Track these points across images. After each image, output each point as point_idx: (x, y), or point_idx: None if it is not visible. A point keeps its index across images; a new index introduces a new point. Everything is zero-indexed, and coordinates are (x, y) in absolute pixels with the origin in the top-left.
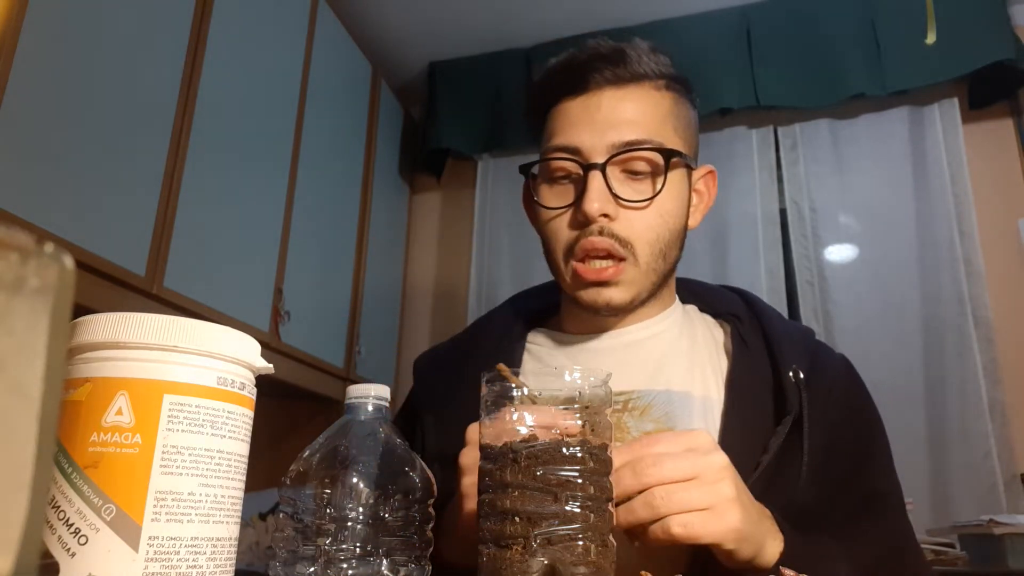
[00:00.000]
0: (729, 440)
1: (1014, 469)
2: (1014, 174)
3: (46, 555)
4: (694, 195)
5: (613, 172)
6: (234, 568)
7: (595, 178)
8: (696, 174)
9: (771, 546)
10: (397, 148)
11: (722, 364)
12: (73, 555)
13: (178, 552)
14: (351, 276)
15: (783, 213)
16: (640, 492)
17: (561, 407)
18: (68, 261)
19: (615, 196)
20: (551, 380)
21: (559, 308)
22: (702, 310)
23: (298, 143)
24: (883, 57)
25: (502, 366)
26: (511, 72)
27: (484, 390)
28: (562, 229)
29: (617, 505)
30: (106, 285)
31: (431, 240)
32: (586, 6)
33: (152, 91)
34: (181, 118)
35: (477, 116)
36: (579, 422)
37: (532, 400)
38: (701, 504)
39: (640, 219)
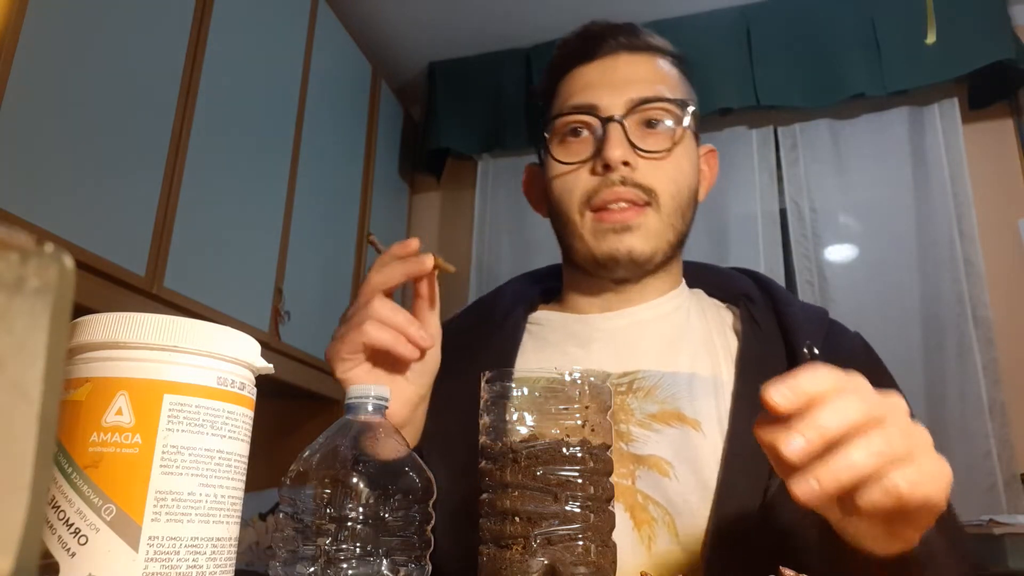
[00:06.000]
0: (741, 421)
1: (1014, 469)
2: (1014, 174)
3: (46, 555)
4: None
5: (631, 126)
6: (234, 568)
7: (615, 129)
8: (701, 150)
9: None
10: (397, 148)
11: (732, 345)
12: (73, 555)
13: (178, 552)
14: (351, 276)
15: (783, 213)
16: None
17: (561, 407)
18: (68, 261)
19: (634, 147)
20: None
21: (560, 292)
22: (710, 294)
23: (298, 143)
24: (883, 57)
25: (372, 238)
26: (511, 72)
27: (484, 390)
28: (579, 182)
29: (780, 466)
30: (106, 285)
31: (431, 240)
32: (586, 6)
33: (152, 91)
34: (181, 118)
35: (477, 116)
36: (579, 422)
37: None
38: (909, 452)
39: (660, 169)
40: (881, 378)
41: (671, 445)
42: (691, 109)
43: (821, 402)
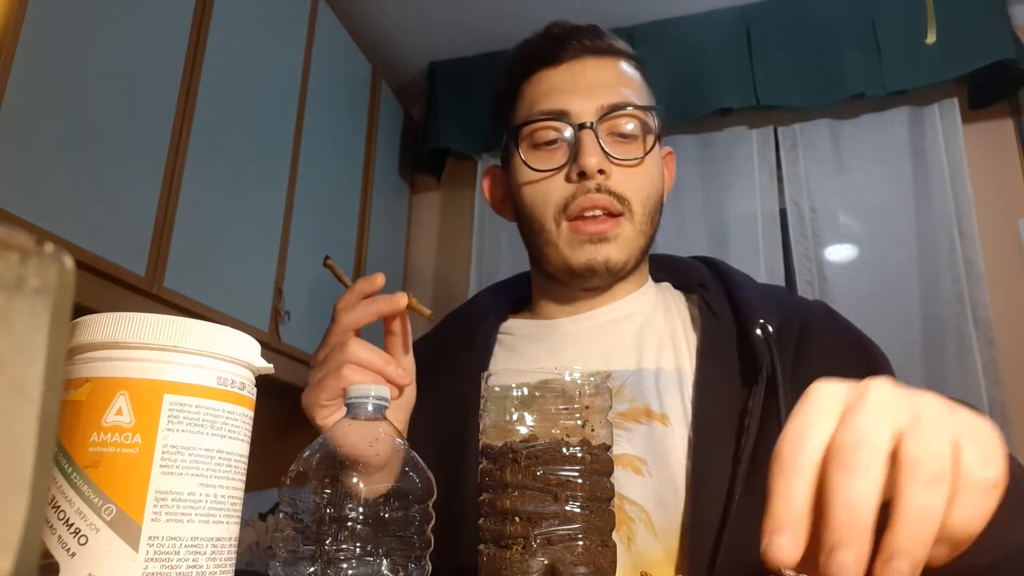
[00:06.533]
0: (702, 408)
1: None
2: (1014, 174)
3: (46, 555)
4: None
5: (602, 133)
6: (234, 568)
7: (588, 136)
8: (662, 152)
9: None
10: (397, 148)
11: (693, 335)
12: (73, 555)
13: (178, 552)
14: (351, 276)
15: (783, 213)
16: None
17: (562, 407)
18: (68, 261)
19: (607, 154)
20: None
21: (530, 300)
22: (676, 286)
23: (298, 143)
24: (883, 57)
25: (331, 262)
26: None
27: (484, 390)
28: (554, 189)
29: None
30: (106, 285)
31: (431, 240)
32: (586, 6)
33: (152, 91)
34: (181, 118)
35: (477, 116)
36: (579, 422)
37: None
38: (945, 493)
39: (633, 177)
40: (853, 338)
41: (642, 442)
42: (656, 127)
43: (831, 500)
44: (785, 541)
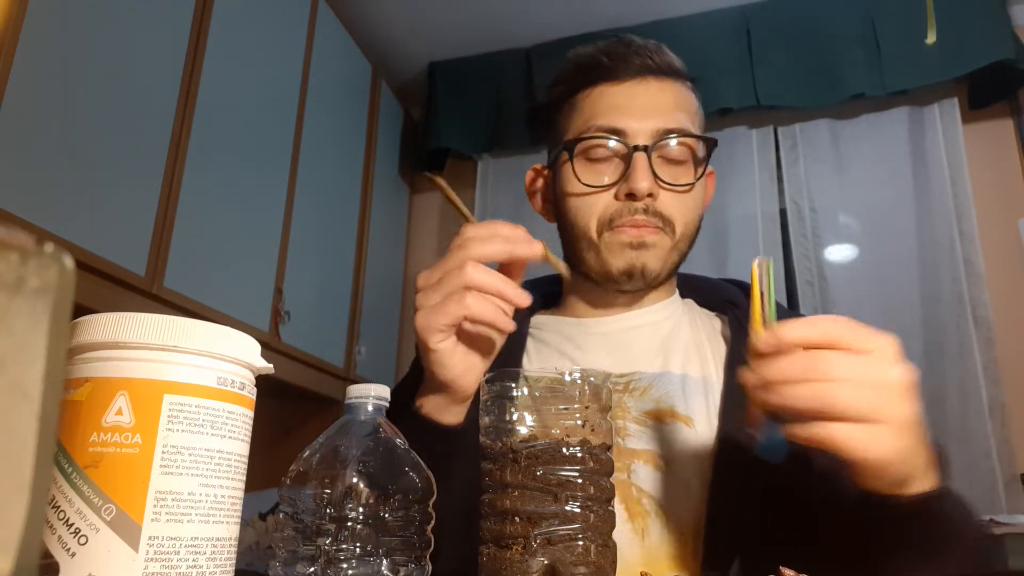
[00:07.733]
0: (729, 414)
1: (1014, 469)
2: (1014, 174)
3: (46, 555)
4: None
5: (655, 155)
6: (234, 568)
7: (641, 159)
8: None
9: (920, 483)
10: (397, 148)
11: (721, 349)
12: (73, 555)
13: (178, 552)
14: (351, 276)
15: (783, 213)
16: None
17: (561, 407)
18: (68, 261)
19: (657, 177)
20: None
21: (558, 298)
22: (701, 305)
23: (298, 143)
24: (883, 57)
25: (440, 181)
26: (511, 72)
27: (484, 390)
28: (601, 205)
29: (771, 383)
30: (106, 285)
31: (431, 240)
32: (586, 6)
33: (152, 91)
34: (181, 118)
35: (477, 116)
36: (579, 422)
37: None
38: (873, 416)
39: (679, 201)
40: None
41: (665, 440)
42: (706, 144)
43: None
44: (770, 338)
